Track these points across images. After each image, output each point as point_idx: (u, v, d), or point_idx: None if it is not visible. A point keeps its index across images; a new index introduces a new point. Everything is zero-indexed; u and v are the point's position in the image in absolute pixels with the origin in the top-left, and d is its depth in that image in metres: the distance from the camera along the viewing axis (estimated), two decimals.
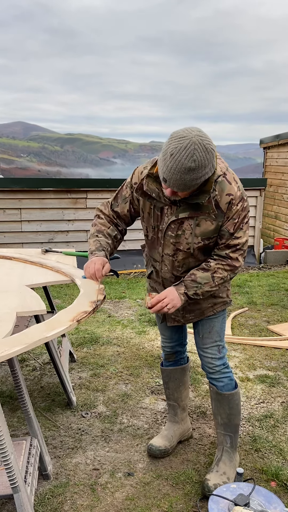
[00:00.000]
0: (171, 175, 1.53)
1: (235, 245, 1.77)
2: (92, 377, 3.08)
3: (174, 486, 2.05)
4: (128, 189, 1.93)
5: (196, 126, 1.59)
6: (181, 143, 1.49)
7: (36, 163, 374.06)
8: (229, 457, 2.09)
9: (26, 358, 3.38)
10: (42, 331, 1.54)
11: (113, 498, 1.98)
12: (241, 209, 1.72)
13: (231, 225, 1.73)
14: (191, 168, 1.50)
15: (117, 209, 1.98)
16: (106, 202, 2.03)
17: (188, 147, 1.48)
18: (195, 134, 1.50)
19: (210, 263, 1.80)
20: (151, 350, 3.54)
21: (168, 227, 1.79)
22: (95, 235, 1.95)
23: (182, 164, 1.50)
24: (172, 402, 2.35)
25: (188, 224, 1.75)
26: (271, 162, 9.43)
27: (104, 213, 2.00)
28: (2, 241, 5.99)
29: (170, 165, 1.51)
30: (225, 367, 2.04)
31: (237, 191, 1.71)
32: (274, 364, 3.32)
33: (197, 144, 1.49)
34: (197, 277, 1.79)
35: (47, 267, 2.54)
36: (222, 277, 1.80)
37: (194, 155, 1.49)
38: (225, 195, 1.69)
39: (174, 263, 1.87)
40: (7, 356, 1.36)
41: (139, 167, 1.91)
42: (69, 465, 2.19)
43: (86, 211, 6.28)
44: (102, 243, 1.90)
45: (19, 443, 1.97)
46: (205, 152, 1.51)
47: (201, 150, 1.49)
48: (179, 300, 1.78)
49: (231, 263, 1.79)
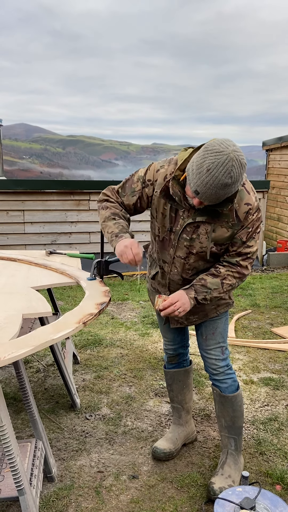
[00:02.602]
0: (206, 190, 1.53)
1: (246, 254, 1.78)
2: (95, 379, 3.08)
3: (179, 489, 2.05)
4: (139, 183, 1.86)
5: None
6: (218, 159, 1.48)
7: (38, 164, 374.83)
8: (234, 460, 2.08)
9: (30, 360, 3.38)
10: (49, 333, 1.54)
11: (118, 501, 1.97)
12: (256, 219, 1.74)
13: (244, 233, 1.74)
14: (227, 184, 1.51)
15: (124, 199, 1.91)
16: (111, 189, 1.94)
17: (226, 163, 1.48)
18: (232, 150, 1.49)
19: (220, 269, 1.80)
20: (154, 352, 3.53)
21: (184, 230, 1.79)
22: (111, 218, 1.85)
23: (219, 180, 1.49)
24: (176, 404, 2.35)
25: (204, 229, 1.75)
26: (273, 164, 9.43)
27: (112, 198, 1.93)
28: (5, 243, 6.00)
29: (206, 180, 1.51)
30: (228, 368, 2.04)
31: (255, 201, 1.73)
32: (278, 367, 3.31)
33: (234, 160, 1.48)
34: (207, 282, 1.79)
35: (52, 269, 2.54)
36: (231, 284, 1.81)
37: (232, 171, 1.49)
38: (244, 205, 1.70)
39: (185, 265, 1.87)
40: (14, 358, 1.36)
41: (155, 165, 1.86)
42: (73, 467, 2.18)
43: (89, 212, 6.29)
44: (124, 225, 1.83)
45: (24, 445, 1.97)
46: (240, 168, 1.51)
47: (237, 166, 1.49)
48: (189, 304, 1.78)
49: (241, 271, 1.80)
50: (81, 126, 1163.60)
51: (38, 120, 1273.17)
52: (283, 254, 7.13)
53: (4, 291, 2.09)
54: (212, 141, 1.55)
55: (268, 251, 7.39)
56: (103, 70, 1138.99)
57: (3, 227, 6.01)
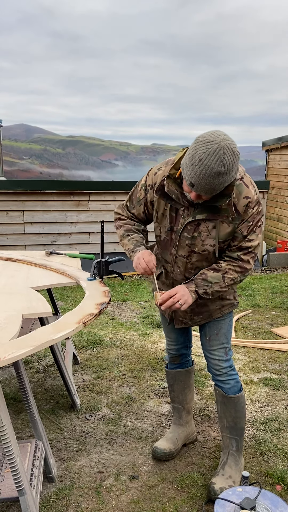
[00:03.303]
0: (200, 180, 1.53)
1: (247, 248, 1.78)
2: (95, 380, 3.08)
3: (179, 490, 2.04)
4: (142, 191, 1.91)
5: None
6: (209, 148, 1.49)
7: (38, 165, 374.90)
8: (235, 460, 2.08)
9: (30, 360, 3.37)
10: (49, 333, 1.54)
11: (118, 501, 1.97)
12: (256, 213, 1.73)
13: (245, 227, 1.74)
14: (220, 173, 1.51)
15: (134, 211, 1.97)
16: (121, 205, 2.03)
17: (217, 152, 1.48)
18: (223, 138, 1.50)
19: (221, 263, 1.80)
20: (154, 353, 3.53)
21: (184, 229, 1.79)
22: (126, 235, 1.94)
23: (211, 169, 1.50)
24: (177, 404, 2.34)
25: (204, 226, 1.75)
26: (273, 165, 9.43)
27: (123, 215, 2.01)
28: (5, 243, 6.00)
29: (199, 170, 1.51)
30: (231, 369, 2.04)
31: (254, 195, 1.72)
32: (278, 367, 3.31)
33: (225, 148, 1.49)
34: (207, 276, 1.79)
35: (52, 269, 2.54)
36: (232, 278, 1.80)
37: (224, 159, 1.49)
38: (243, 198, 1.70)
39: (187, 265, 1.87)
40: (15, 359, 1.36)
41: (153, 169, 1.90)
42: (73, 467, 2.18)
43: (88, 213, 6.29)
44: (137, 239, 1.91)
45: (24, 446, 1.97)
46: (233, 156, 1.51)
47: (229, 154, 1.50)
48: (190, 297, 1.77)
49: (242, 265, 1.80)
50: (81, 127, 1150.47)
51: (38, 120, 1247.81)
52: (283, 254, 7.13)
53: (4, 292, 2.09)
54: (203, 133, 1.56)
55: (268, 252, 7.39)
56: (103, 71, 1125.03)
57: (3, 228, 6.01)
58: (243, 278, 1.84)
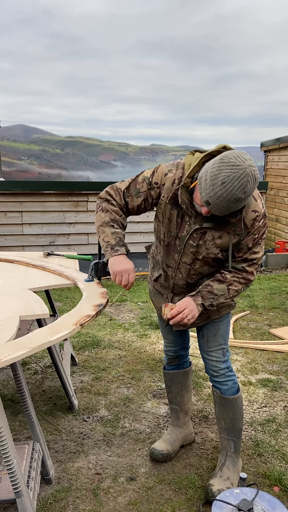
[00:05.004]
0: (218, 202, 1.52)
1: (252, 260, 1.78)
2: (93, 381, 3.07)
3: (176, 491, 2.04)
4: (144, 184, 1.82)
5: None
6: (234, 172, 1.47)
7: (37, 165, 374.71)
8: (233, 462, 2.08)
9: (28, 362, 3.37)
10: (46, 335, 1.54)
11: (115, 503, 1.97)
12: (262, 225, 1.74)
13: (250, 240, 1.74)
14: (240, 199, 1.50)
15: (128, 199, 1.85)
16: (116, 188, 1.87)
17: (241, 178, 1.47)
18: (248, 164, 1.48)
19: (226, 275, 1.80)
20: (152, 354, 3.53)
21: (190, 236, 1.77)
22: (110, 225, 1.82)
23: (232, 194, 1.48)
24: (175, 406, 2.34)
25: (210, 235, 1.74)
26: (271, 165, 9.44)
27: (116, 199, 1.86)
28: (3, 244, 6.00)
29: (220, 192, 1.49)
30: (229, 370, 2.04)
31: (262, 208, 1.72)
32: (276, 368, 3.31)
33: (250, 175, 1.47)
34: (213, 288, 1.79)
35: (50, 270, 2.54)
36: (237, 290, 1.81)
37: (246, 186, 1.48)
38: (251, 212, 1.70)
39: (190, 271, 1.86)
40: (11, 360, 1.36)
41: (163, 167, 1.82)
42: (71, 469, 2.18)
43: (87, 214, 6.29)
44: (121, 237, 1.82)
45: (21, 447, 1.96)
46: (254, 183, 1.50)
47: (252, 182, 1.49)
48: (197, 311, 1.79)
49: (247, 277, 1.80)
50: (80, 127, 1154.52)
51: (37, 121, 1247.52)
52: (281, 255, 7.14)
53: (2, 293, 2.09)
54: (228, 153, 1.52)
55: (266, 252, 7.40)
56: (102, 72, 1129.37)
57: (1, 229, 6.01)
58: (246, 288, 1.86)
